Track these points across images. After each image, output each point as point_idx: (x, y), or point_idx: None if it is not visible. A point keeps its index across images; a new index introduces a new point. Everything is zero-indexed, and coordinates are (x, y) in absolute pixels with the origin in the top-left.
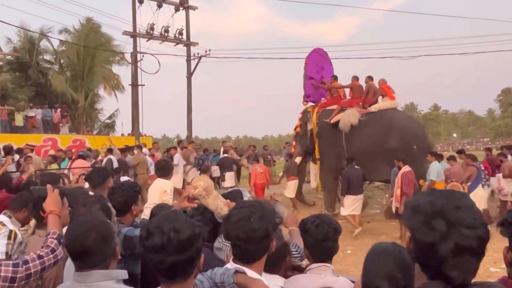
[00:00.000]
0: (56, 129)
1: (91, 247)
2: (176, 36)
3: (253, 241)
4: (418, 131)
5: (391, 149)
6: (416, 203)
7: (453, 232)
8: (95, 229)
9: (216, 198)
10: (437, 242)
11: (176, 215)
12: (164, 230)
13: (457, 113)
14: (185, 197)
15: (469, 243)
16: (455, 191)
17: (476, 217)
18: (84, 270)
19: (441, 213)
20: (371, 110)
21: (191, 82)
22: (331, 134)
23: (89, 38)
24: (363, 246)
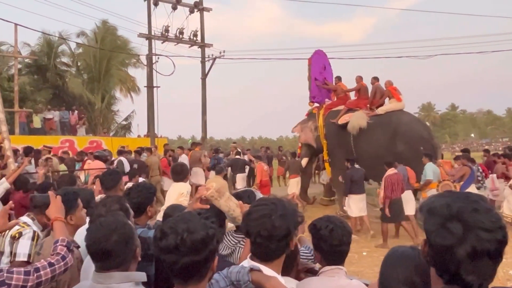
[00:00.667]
0: (73, 131)
1: (112, 249)
2: (190, 38)
3: (274, 239)
4: (424, 134)
5: (397, 153)
6: (432, 205)
7: (470, 235)
8: (116, 231)
9: (229, 199)
10: (453, 245)
11: (190, 216)
12: (178, 230)
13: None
14: (197, 199)
15: (487, 247)
16: (472, 193)
17: (494, 220)
18: (105, 271)
19: (458, 215)
20: (378, 112)
21: (205, 83)
22: (339, 135)
23: (105, 40)
24: (379, 248)
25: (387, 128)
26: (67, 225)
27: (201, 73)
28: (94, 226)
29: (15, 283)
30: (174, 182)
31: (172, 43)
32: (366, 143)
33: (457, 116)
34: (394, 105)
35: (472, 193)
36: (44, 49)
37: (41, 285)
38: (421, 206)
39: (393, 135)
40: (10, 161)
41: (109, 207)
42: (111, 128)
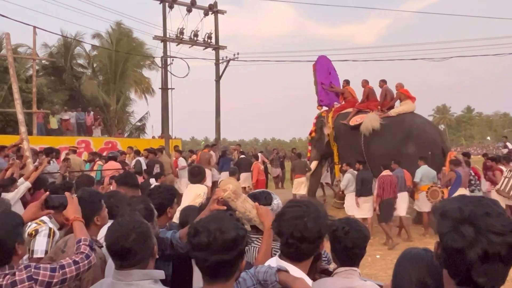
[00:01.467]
0: (89, 131)
1: (131, 247)
2: (205, 40)
3: (306, 240)
4: (436, 138)
5: (408, 154)
6: (444, 209)
7: (481, 238)
8: (134, 230)
9: (245, 201)
10: (465, 248)
11: (223, 216)
12: (211, 229)
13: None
14: (214, 200)
15: (498, 250)
16: (484, 197)
17: (505, 223)
18: (125, 269)
19: (470, 219)
20: (390, 114)
21: (219, 85)
22: (349, 137)
23: (121, 43)
24: (392, 251)
25: (400, 130)
26: (93, 225)
27: (215, 75)
28: (113, 226)
29: (41, 278)
30: (190, 183)
31: (186, 45)
32: (378, 144)
33: (473, 119)
34: (406, 107)
35: (485, 197)
36: (61, 51)
37: (66, 282)
38: (434, 210)
39: (406, 137)
40: (29, 161)
41: (134, 206)
42: (125, 129)
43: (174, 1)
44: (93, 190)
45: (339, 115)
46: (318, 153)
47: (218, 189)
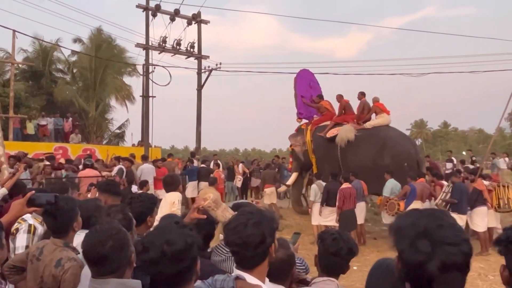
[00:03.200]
0: (67, 138)
1: (107, 254)
2: (187, 49)
3: (249, 246)
4: (410, 149)
5: (383, 165)
6: (399, 225)
7: (438, 250)
8: (112, 237)
9: (225, 210)
10: (424, 261)
11: (169, 228)
12: (157, 243)
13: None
14: (194, 209)
15: (454, 260)
16: (436, 209)
17: (458, 233)
18: (101, 277)
19: (425, 233)
20: (366, 126)
21: (201, 95)
22: (326, 149)
23: (101, 49)
24: (369, 262)
25: (375, 141)
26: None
27: (197, 85)
28: (91, 233)
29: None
30: (166, 193)
31: (169, 53)
32: (353, 155)
33: (449, 134)
34: (382, 120)
35: (437, 209)
36: (39, 56)
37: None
38: (390, 227)
39: (380, 148)
40: (3, 167)
41: (113, 216)
42: (104, 136)
43: (158, 9)
44: (69, 197)
45: (317, 128)
46: (298, 165)
47: (199, 198)
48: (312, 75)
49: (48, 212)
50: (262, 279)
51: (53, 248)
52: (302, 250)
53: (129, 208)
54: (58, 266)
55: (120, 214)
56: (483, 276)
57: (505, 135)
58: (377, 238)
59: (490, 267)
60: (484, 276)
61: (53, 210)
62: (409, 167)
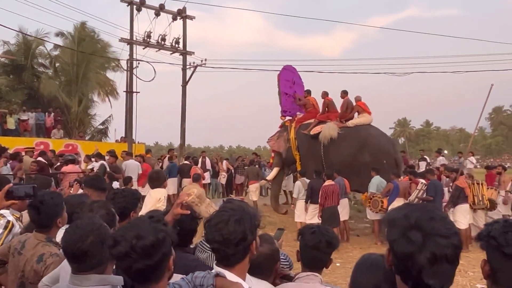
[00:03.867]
0: (49, 133)
1: (88, 250)
2: (172, 45)
3: (230, 243)
4: (389, 148)
5: (363, 163)
6: (392, 217)
7: (429, 242)
8: (92, 232)
9: (209, 205)
10: (415, 252)
11: (140, 222)
12: (128, 237)
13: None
14: (178, 204)
15: (445, 252)
16: (428, 204)
17: (449, 227)
18: (81, 273)
19: (417, 225)
20: (348, 125)
21: (186, 91)
22: (309, 146)
23: (84, 43)
24: (352, 259)
25: (356, 139)
26: (55, 228)
27: (182, 81)
28: (71, 229)
29: None
30: (151, 189)
31: (153, 49)
32: (335, 152)
33: (431, 133)
34: (364, 120)
35: (428, 204)
36: (21, 49)
37: None
38: (383, 219)
39: (361, 146)
40: None
41: (96, 212)
42: (87, 132)
43: (142, 4)
44: (55, 192)
45: (302, 125)
46: (280, 160)
47: (183, 193)
48: (295, 72)
49: (32, 206)
50: (242, 276)
51: (35, 243)
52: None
53: (112, 204)
54: (40, 261)
55: (103, 209)
56: (463, 272)
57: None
58: (360, 235)
59: (470, 264)
60: (464, 272)
61: (37, 204)
62: (388, 165)
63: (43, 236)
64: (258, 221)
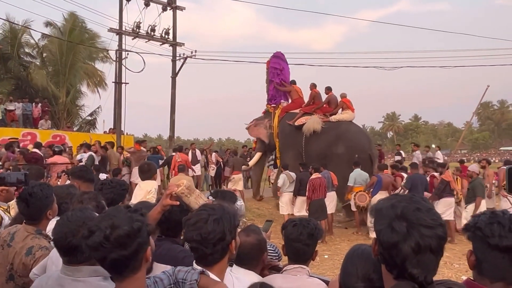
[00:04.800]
0: (36, 124)
1: (79, 244)
2: (162, 36)
3: (208, 243)
4: (364, 144)
5: (338, 154)
6: (379, 207)
7: (413, 232)
8: (83, 226)
9: (198, 197)
10: (399, 242)
11: (116, 212)
12: (102, 227)
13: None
14: (167, 195)
15: (429, 242)
16: (415, 195)
17: (435, 218)
18: (73, 265)
19: (402, 215)
20: (331, 120)
21: (175, 83)
22: (292, 135)
23: (73, 33)
24: (340, 251)
25: (335, 133)
26: (45, 220)
27: (171, 72)
28: (62, 221)
29: None
30: (141, 180)
31: (143, 39)
32: (315, 144)
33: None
34: (346, 116)
35: (416, 195)
36: (8, 38)
37: None
38: (371, 209)
39: (338, 139)
40: None
41: (85, 204)
42: (75, 123)
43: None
44: (45, 184)
45: (287, 114)
46: (263, 145)
47: (172, 184)
48: (284, 60)
49: (22, 198)
50: (221, 276)
51: (25, 235)
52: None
53: (100, 195)
54: (29, 254)
55: (93, 201)
56: (449, 264)
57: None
58: (348, 227)
59: (456, 256)
60: (450, 265)
61: (26, 196)
62: (360, 159)
63: (33, 229)
64: (238, 221)
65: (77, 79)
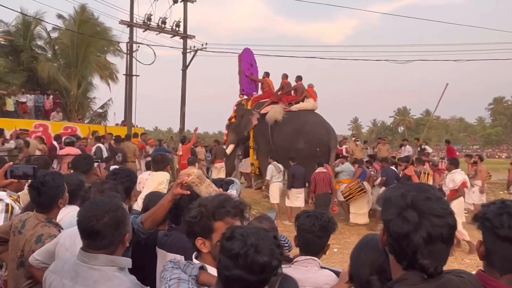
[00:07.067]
0: (48, 116)
1: (100, 230)
2: (173, 28)
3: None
4: (324, 137)
5: (298, 149)
6: (388, 196)
7: (425, 222)
8: (109, 213)
9: (209, 186)
10: (410, 232)
11: (264, 234)
12: (247, 242)
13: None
14: (178, 184)
15: (440, 231)
16: (424, 184)
17: (444, 206)
18: (91, 251)
19: (413, 204)
20: (292, 109)
21: (186, 75)
22: (261, 123)
23: (85, 26)
24: (349, 245)
25: (294, 125)
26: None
27: (182, 65)
28: (89, 204)
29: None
30: (153, 171)
31: (153, 32)
32: (278, 135)
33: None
34: (307, 105)
35: (424, 183)
36: (20, 31)
37: None
38: (378, 198)
39: (297, 132)
40: None
41: (106, 194)
42: (86, 115)
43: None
44: (56, 172)
45: (257, 104)
46: (237, 137)
47: (182, 173)
48: (253, 55)
49: (33, 187)
50: None
51: (35, 223)
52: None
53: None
54: (38, 242)
55: (113, 191)
56: (459, 259)
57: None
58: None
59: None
60: (461, 260)
61: (38, 185)
62: (322, 152)
63: (43, 217)
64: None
65: (88, 72)
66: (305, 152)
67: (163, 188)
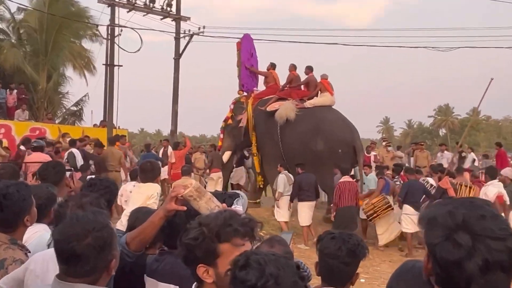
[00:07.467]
0: (11, 114)
1: (82, 252)
2: (163, 8)
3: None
4: (347, 137)
5: (316, 151)
6: (432, 215)
7: (479, 246)
8: (92, 232)
9: (210, 200)
10: (462, 259)
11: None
12: (266, 272)
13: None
14: (172, 198)
15: (499, 257)
16: (476, 198)
17: (503, 226)
18: (69, 279)
19: (464, 224)
20: (306, 105)
21: (179, 65)
22: (266, 124)
23: (56, 5)
24: (379, 274)
25: (309, 125)
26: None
27: (174, 53)
28: (70, 220)
29: None
30: (141, 182)
31: (140, 13)
32: (290, 136)
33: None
34: (323, 100)
35: (476, 198)
36: None
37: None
38: (420, 217)
39: (314, 132)
40: None
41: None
42: (57, 113)
43: None
44: (22, 184)
45: (260, 101)
46: (234, 142)
47: (178, 185)
48: (252, 42)
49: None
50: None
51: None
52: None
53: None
54: (1, 268)
55: (95, 206)
56: None
57: None
58: (389, 245)
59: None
60: None
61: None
62: (344, 154)
63: (7, 237)
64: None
65: (60, 61)
66: (325, 155)
67: (153, 203)
